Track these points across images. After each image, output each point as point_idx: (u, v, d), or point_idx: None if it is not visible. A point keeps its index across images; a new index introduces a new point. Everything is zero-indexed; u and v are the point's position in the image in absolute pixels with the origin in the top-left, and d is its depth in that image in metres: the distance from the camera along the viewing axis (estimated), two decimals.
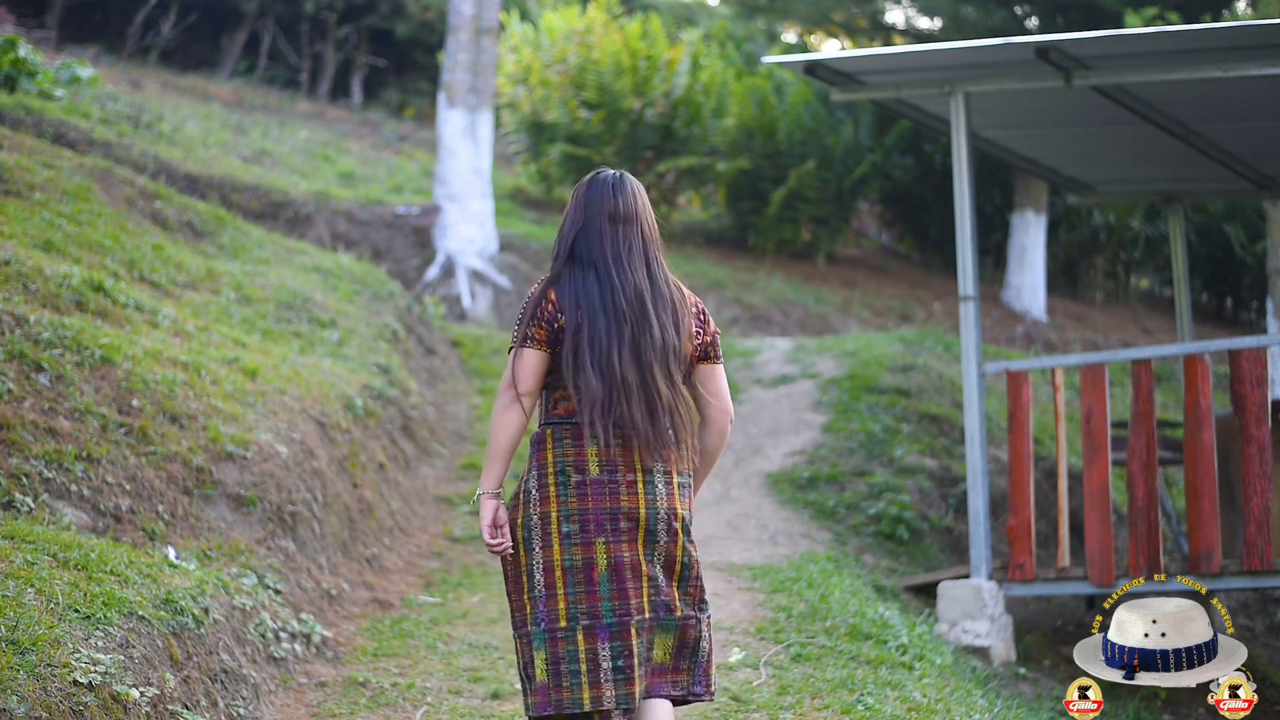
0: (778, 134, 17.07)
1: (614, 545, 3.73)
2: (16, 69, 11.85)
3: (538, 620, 3.73)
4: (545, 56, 16.72)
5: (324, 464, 7.01)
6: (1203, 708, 7.45)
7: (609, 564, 3.73)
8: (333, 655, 5.89)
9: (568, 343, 3.78)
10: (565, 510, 3.75)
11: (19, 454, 5.50)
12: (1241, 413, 7.04)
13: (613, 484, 3.75)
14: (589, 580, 3.72)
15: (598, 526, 3.73)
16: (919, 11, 18.98)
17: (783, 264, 16.82)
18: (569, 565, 3.73)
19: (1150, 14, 14.04)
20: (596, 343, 3.76)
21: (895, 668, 5.89)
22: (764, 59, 8.69)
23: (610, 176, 3.97)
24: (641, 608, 3.75)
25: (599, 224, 3.89)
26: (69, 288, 6.91)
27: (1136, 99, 7.85)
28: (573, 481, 3.75)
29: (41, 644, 4.13)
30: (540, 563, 3.75)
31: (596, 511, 3.74)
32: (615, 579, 3.73)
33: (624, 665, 3.70)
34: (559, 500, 3.76)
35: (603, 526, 3.74)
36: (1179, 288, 10.28)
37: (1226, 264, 18.45)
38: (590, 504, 3.74)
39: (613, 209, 3.90)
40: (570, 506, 3.75)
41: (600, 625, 3.71)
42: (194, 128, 15.33)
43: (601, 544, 3.73)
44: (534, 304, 3.83)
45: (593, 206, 3.92)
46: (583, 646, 3.70)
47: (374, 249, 13.36)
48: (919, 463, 9.30)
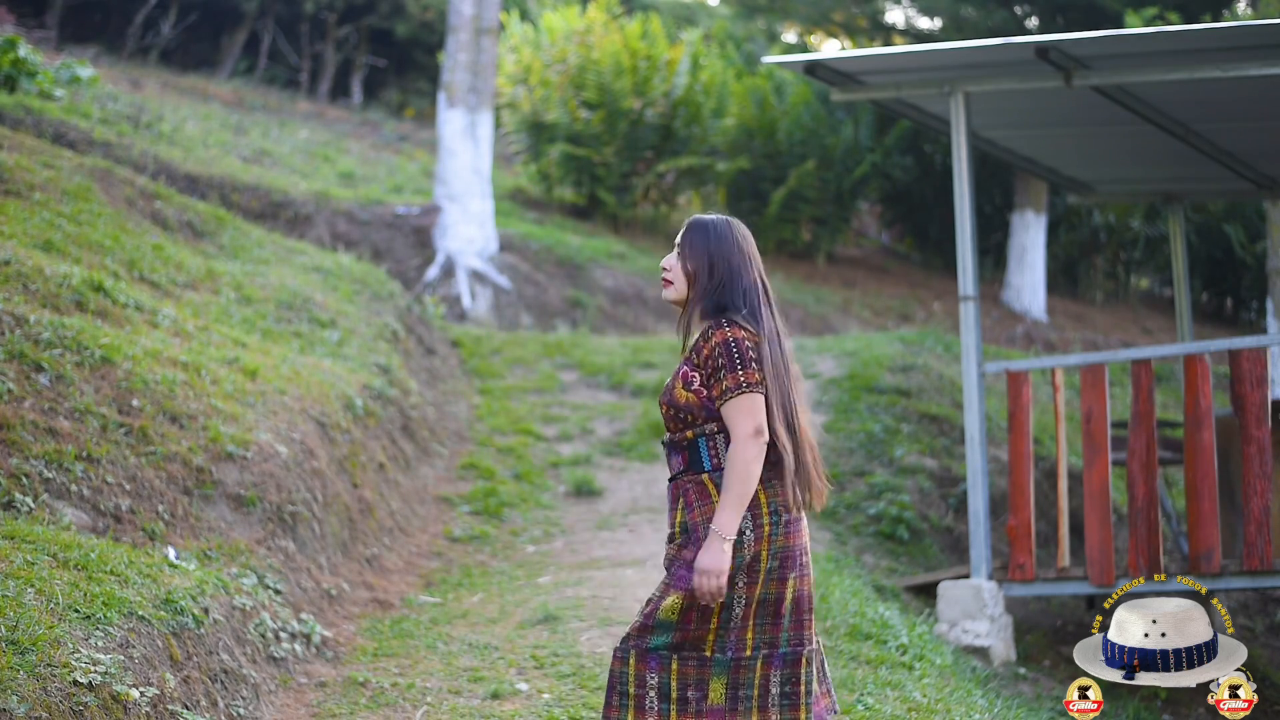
0: (778, 134, 17.08)
1: (801, 579, 3.96)
2: (16, 69, 11.85)
3: (725, 648, 3.90)
4: (545, 56, 16.73)
5: (324, 464, 7.01)
6: (1203, 708, 7.45)
7: (794, 598, 3.94)
8: (333, 655, 5.89)
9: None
10: (773, 548, 3.93)
11: (19, 454, 5.50)
12: (1241, 413, 7.04)
13: (799, 522, 3.99)
14: (776, 614, 3.92)
15: (794, 562, 3.95)
16: (919, 11, 18.98)
17: (783, 264, 16.82)
18: (764, 599, 3.93)
19: (1150, 14, 14.05)
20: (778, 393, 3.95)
21: (895, 668, 5.90)
22: (764, 59, 8.69)
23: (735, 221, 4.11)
24: (812, 638, 3.99)
25: (755, 270, 4.05)
26: (69, 288, 6.91)
27: (1136, 99, 7.85)
28: (783, 520, 3.94)
29: (41, 644, 4.13)
30: (744, 598, 3.90)
31: (797, 549, 3.96)
32: (796, 611, 3.95)
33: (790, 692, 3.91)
34: (770, 539, 3.92)
35: (798, 561, 3.95)
36: (1179, 288, 10.28)
37: (1226, 264, 18.45)
38: (793, 541, 3.95)
39: (757, 255, 4.11)
40: (778, 544, 3.93)
41: (776, 655, 3.92)
42: (194, 128, 15.33)
43: (793, 579, 3.94)
44: (747, 348, 3.94)
45: (750, 250, 4.07)
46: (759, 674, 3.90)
47: (374, 249, 13.36)
48: (919, 463, 9.30)
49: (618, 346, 11.75)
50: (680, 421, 3.95)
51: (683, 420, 3.95)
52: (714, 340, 3.93)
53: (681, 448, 3.96)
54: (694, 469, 3.94)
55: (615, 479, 9.09)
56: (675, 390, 3.96)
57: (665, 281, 4.05)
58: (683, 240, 4.03)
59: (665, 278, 4.05)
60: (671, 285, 4.04)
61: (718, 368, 3.90)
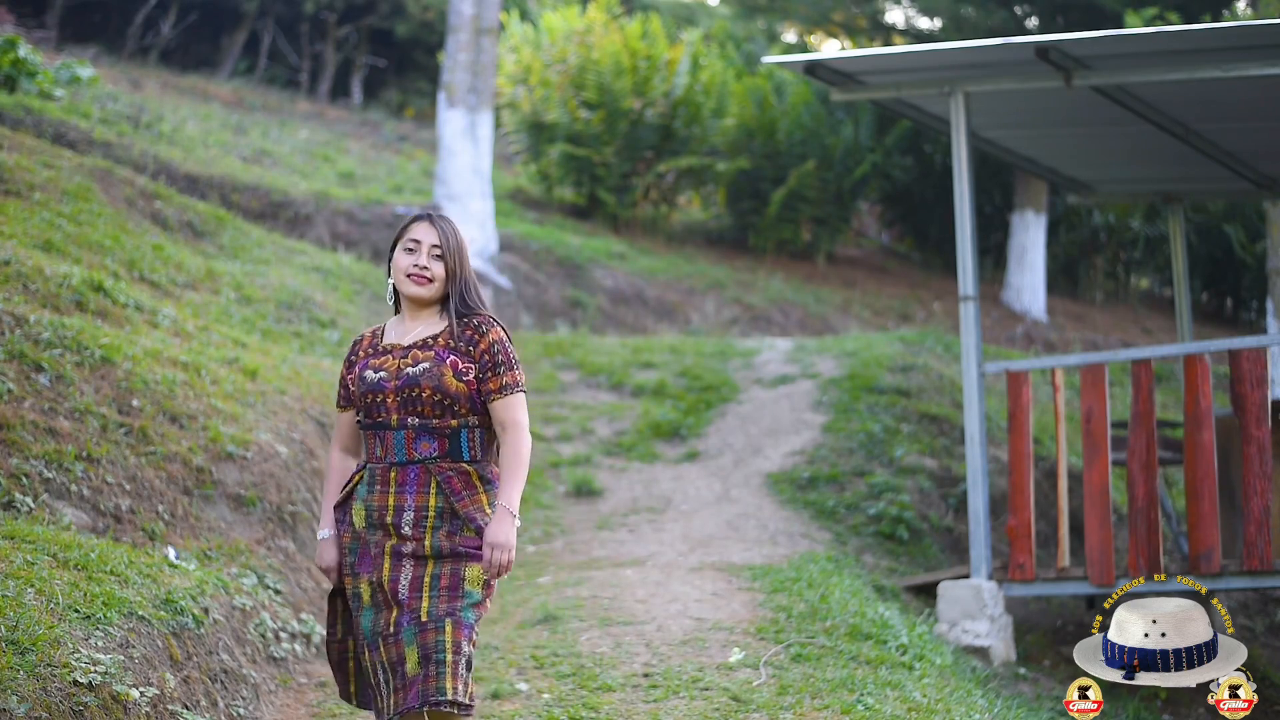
0: (778, 134, 17.07)
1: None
2: (16, 69, 11.85)
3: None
4: (545, 56, 16.72)
5: (324, 464, 7.01)
6: (1203, 708, 7.45)
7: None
8: None
9: None
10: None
11: (19, 454, 5.50)
12: (1241, 413, 7.04)
13: None
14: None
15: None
16: (919, 11, 18.98)
17: (783, 264, 16.82)
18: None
19: (1150, 14, 14.04)
20: None
21: (895, 668, 5.89)
22: (764, 59, 8.69)
23: None
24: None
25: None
26: (69, 288, 6.91)
27: (1136, 99, 7.85)
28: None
29: (41, 644, 4.13)
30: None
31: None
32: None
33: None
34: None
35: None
36: (1179, 288, 10.28)
37: (1226, 264, 18.45)
38: None
39: None
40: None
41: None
42: (194, 128, 15.33)
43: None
44: (512, 349, 4.19)
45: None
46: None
47: (374, 249, 13.36)
48: (919, 463, 9.29)
49: (617, 346, 11.75)
50: (443, 409, 4.02)
51: (446, 408, 4.02)
52: (490, 337, 4.10)
53: (441, 435, 4.03)
54: (452, 457, 4.03)
55: (615, 479, 9.09)
56: (445, 378, 4.02)
57: (422, 279, 4.11)
58: (443, 238, 4.13)
59: (425, 275, 4.11)
60: (431, 283, 4.12)
61: (496, 364, 4.08)
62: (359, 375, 4.12)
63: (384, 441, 4.04)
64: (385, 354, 4.14)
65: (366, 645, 3.99)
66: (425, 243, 4.12)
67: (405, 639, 3.92)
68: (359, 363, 4.16)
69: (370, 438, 4.09)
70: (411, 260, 4.12)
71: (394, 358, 4.10)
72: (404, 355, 4.08)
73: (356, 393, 4.11)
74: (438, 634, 3.91)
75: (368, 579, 3.99)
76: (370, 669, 4.01)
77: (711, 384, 10.72)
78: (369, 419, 4.08)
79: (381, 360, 4.12)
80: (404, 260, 4.13)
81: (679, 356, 11.44)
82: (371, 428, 4.07)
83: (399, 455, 4.03)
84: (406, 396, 4.02)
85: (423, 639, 3.91)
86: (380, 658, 3.96)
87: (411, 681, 3.89)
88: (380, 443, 4.05)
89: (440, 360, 4.04)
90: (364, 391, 4.07)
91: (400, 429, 4.03)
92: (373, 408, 4.06)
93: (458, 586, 3.96)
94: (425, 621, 3.92)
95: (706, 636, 6.11)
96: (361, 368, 4.13)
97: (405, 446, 4.02)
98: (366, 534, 4.02)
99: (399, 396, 4.03)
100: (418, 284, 4.11)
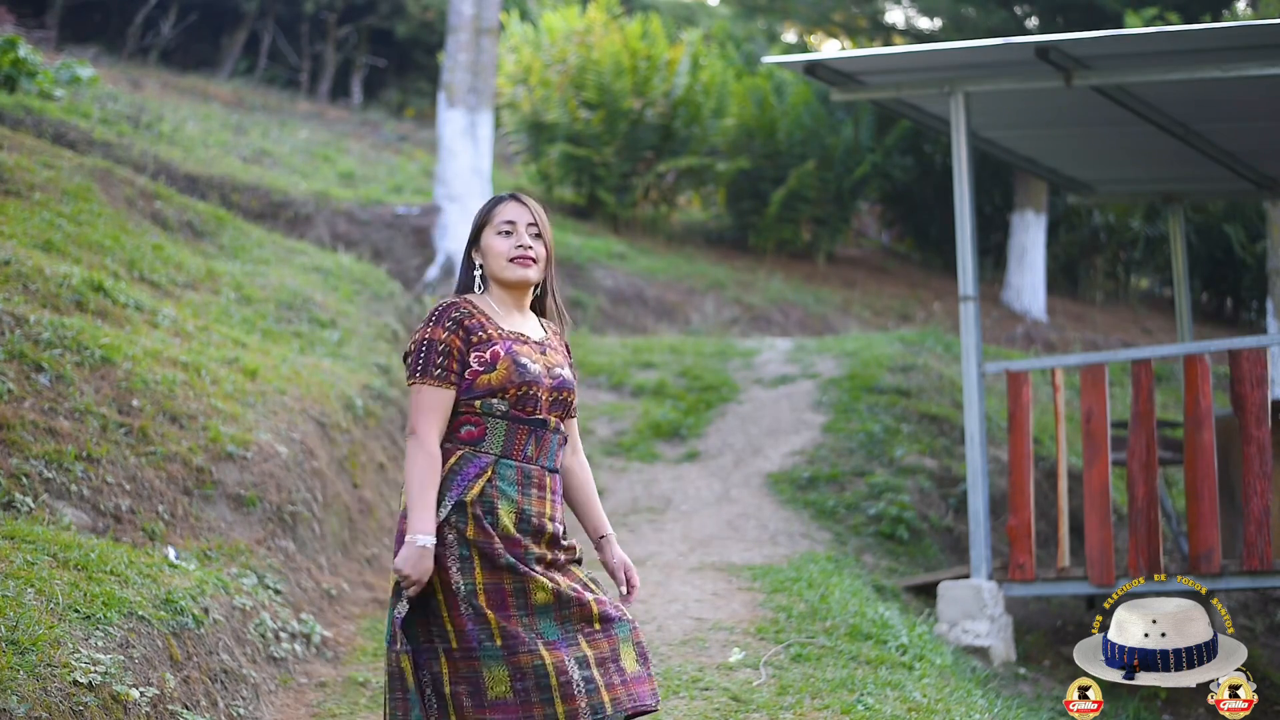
0: (778, 134, 17.07)
1: None
2: (16, 69, 11.84)
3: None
4: (545, 56, 16.72)
5: (324, 464, 7.01)
6: (1203, 708, 7.45)
7: None
8: (333, 655, 5.89)
9: None
10: None
11: (19, 454, 5.50)
12: (1241, 413, 7.04)
13: None
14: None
15: None
16: (919, 12, 18.97)
17: (783, 264, 16.82)
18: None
19: (1150, 14, 14.04)
20: None
21: (895, 668, 5.89)
22: (764, 59, 8.69)
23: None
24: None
25: None
26: (69, 288, 6.91)
27: (1136, 99, 7.85)
28: None
29: (41, 644, 4.13)
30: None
31: None
32: None
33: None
34: None
35: None
36: (1179, 288, 10.28)
37: (1226, 264, 18.45)
38: None
39: None
40: None
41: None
42: (194, 128, 15.33)
43: None
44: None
45: None
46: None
47: (374, 249, 13.35)
48: (919, 463, 9.29)
49: (617, 346, 11.75)
50: (569, 411, 3.77)
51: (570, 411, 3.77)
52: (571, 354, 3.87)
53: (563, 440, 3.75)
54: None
55: (615, 479, 9.09)
56: (574, 378, 3.77)
57: (528, 260, 3.75)
58: (536, 215, 3.80)
59: (530, 255, 3.75)
60: (535, 264, 3.77)
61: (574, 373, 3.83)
62: (511, 359, 3.64)
63: (540, 442, 3.66)
64: (523, 342, 3.72)
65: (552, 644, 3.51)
66: (521, 222, 3.76)
67: (620, 634, 3.59)
68: (500, 342, 3.67)
69: (520, 432, 3.62)
70: (512, 242, 3.73)
71: (534, 350, 3.71)
72: (540, 351, 3.72)
73: (504, 377, 3.62)
74: (641, 634, 3.67)
75: (543, 579, 3.57)
76: (554, 670, 3.49)
77: (711, 384, 10.72)
78: (522, 411, 3.63)
79: (525, 349, 3.70)
80: (503, 244, 3.73)
81: (679, 356, 11.44)
82: (526, 422, 3.63)
83: (551, 460, 3.69)
84: (558, 399, 3.70)
85: (635, 636, 3.63)
86: (582, 653, 3.53)
87: (635, 679, 3.57)
88: (535, 442, 3.65)
89: (565, 361, 3.79)
90: (524, 381, 3.63)
91: (556, 431, 3.69)
92: (527, 400, 3.63)
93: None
94: (630, 619, 3.64)
95: (706, 636, 6.11)
96: (509, 351, 3.66)
97: (557, 452, 3.71)
98: (522, 541, 3.58)
99: (551, 397, 3.67)
100: (524, 265, 3.73)
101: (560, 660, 3.49)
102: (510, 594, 3.53)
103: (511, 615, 3.52)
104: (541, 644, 3.50)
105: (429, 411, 3.59)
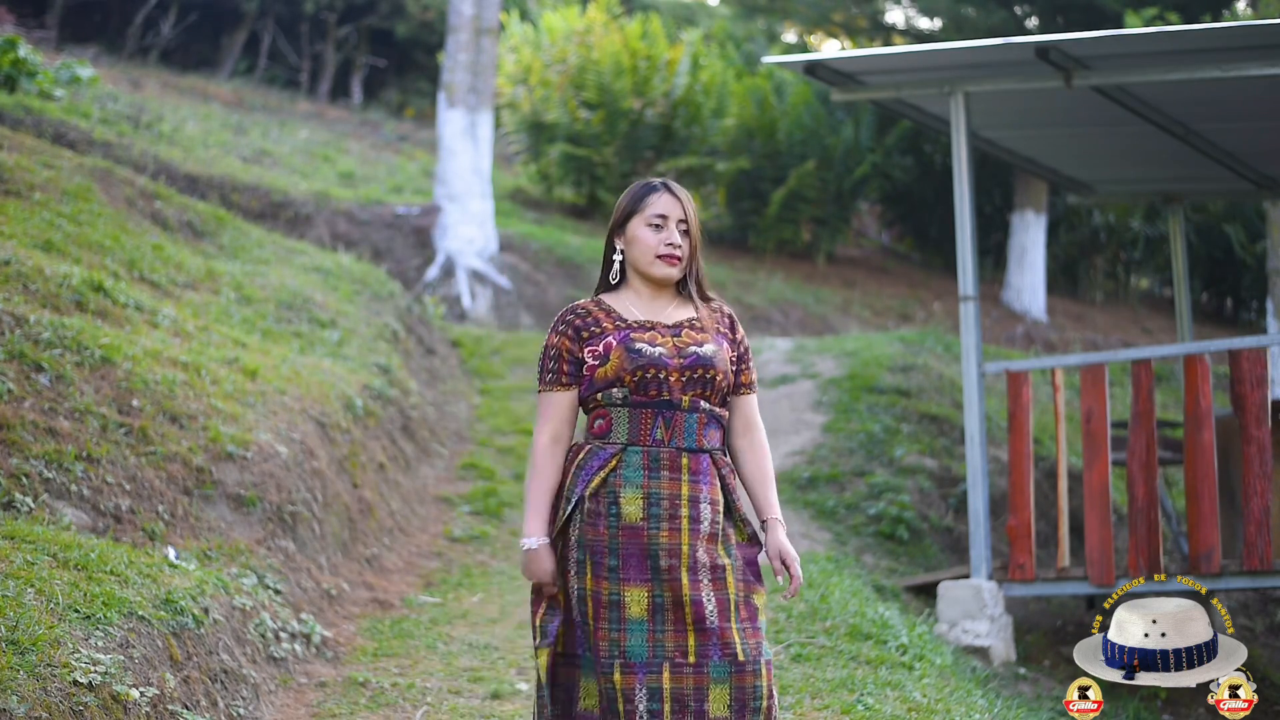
0: (778, 134, 17.08)
1: None
2: (16, 69, 11.85)
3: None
4: (545, 56, 16.73)
5: (324, 464, 7.01)
6: (1203, 708, 7.45)
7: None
8: (333, 655, 5.88)
9: None
10: None
11: (19, 454, 5.50)
12: (1241, 413, 7.04)
13: None
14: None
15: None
16: (919, 12, 18.98)
17: (783, 264, 16.82)
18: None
19: (1150, 14, 14.04)
20: None
21: (895, 668, 5.89)
22: (764, 59, 8.69)
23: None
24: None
25: None
26: (69, 288, 6.91)
27: (1136, 99, 7.85)
28: None
29: (41, 644, 4.13)
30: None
31: None
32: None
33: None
34: None
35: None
36: (1179, 288, 10.28)
37: (1226, 264, 18.46)
38: None
39: None
40: None
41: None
42: (194, 128, 15.33)
43: None
44: None
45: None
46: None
47: (374, 249, 13.36)
48: (919, 463, 9.29)
49: None
50: (722, 398, 3.66)
51: (724, 397, 3.67)
52: (740, 327, 3.77)
53: (721, 424, 3.66)
54: (724, 450, 3.68)
55: None
56: (729, 365, 3.65)
57: (674, 260, 3.68)
58: (687, 212, 3.70)
59: (678, 254, 3.68)
60: (681, 262, 3.70)
61: (742, 357, 3.72)
62: (624, 347, 3.59)
63: (671, 423, 3.57)
64: (649, 329, 3.64)
65: (631, 667, 3.45)
66: (672, 217, 3.67)
67: (714, 674, 3.45)
68: (614, 334, 3.63)
69: (646, 417, 3.57)
70: (662, 238, 3.66)
71: (663, 334, 3.63)
72: (676, 334, 3.63)
73: (618, 366, 3.57)
74: (755, 678, 3.46)
75: (641, 588, 3.50)
76: (623, 695, 3.43)
77: None
78: (645, 395, 3.57)
79: (649, 335, 3.62)
80: (653, 238, 3.66)
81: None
82: (650, 406, 3.57)
83: (689, 441, 3.58)
84: (693, 378, 3.58)
85: (739, 681, 3.45)
86: (659, 684, 3.43)
87: None
88: (665, 424, 3.57)
89: (720, 344, 3.64)
90: (639, 366, 3.55)
91: (693, 411, 3.58)
92: (650, 383, 3.56)
93: (755, 616, 3.56)
94: (743, 661, 3.47)
95: None
96: (622, 339, 3.60)
97: (697, 432, 3.58)
98: (648, 528, 3.52)
99: (683, 376, 3.57)
100: (670, 264, 3.66)
101: (631, 687, 3.44)
102: (605, 605, 3.50)
103: (602, 628, 3.49)
104: (619, 665, 3.46)
105: (542, 415, 3.68)
